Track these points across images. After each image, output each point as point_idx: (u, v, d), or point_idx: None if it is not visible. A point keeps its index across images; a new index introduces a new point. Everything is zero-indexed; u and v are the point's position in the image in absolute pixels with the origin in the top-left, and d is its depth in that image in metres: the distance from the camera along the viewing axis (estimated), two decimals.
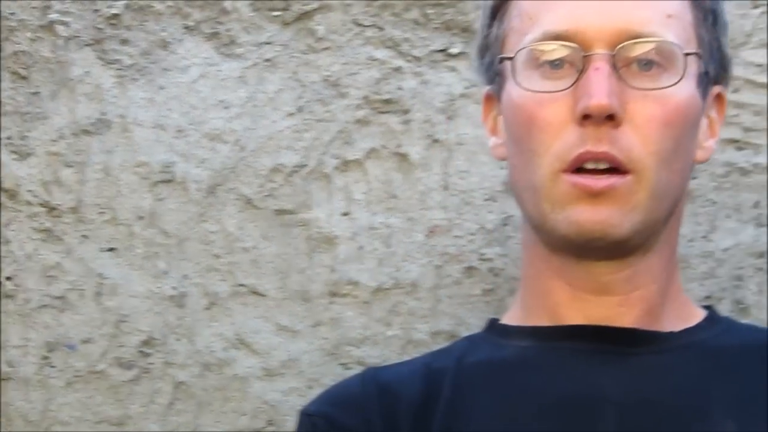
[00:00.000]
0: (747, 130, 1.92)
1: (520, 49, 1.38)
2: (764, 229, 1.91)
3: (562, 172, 1.33)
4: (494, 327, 1.53)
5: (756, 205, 1.91)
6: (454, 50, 1.99)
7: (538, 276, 1.49)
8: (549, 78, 1.36)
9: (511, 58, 1.39)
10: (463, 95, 1.98)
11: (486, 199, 1.98)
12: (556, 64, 1.36)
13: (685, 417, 1.37)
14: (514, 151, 1.43)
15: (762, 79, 1.95)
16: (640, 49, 1.34)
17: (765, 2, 1.98)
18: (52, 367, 1.86)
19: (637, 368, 1.40)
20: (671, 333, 1.44)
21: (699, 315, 1.50)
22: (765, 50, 1.96)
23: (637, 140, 1.33)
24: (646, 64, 1.35)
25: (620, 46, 1.33)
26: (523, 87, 1.37)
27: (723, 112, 1.52)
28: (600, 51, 1.33)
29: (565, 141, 1.33)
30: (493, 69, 1.49)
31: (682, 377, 1.40)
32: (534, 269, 1.49)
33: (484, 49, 1.51)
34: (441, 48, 1.99)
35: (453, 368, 1.49)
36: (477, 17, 1.85)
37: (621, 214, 1.33)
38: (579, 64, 1.34)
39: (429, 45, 2.00)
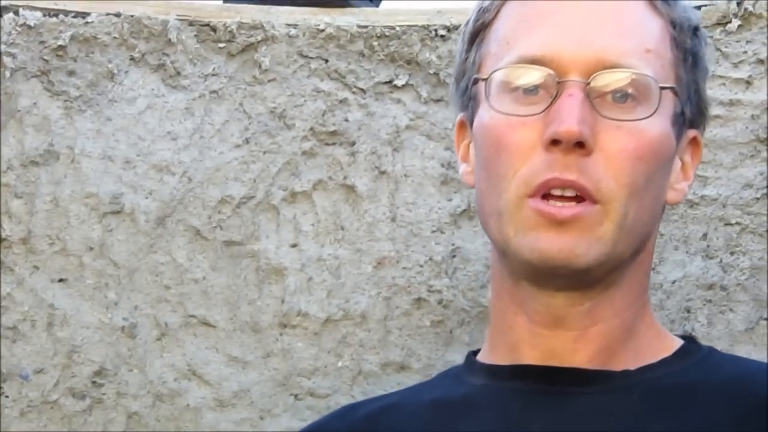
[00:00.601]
0: (702, 161, 1.89)
1: (495, 71, 1.37)
2: (713, 261, 1.91)
3: (527, 197, 1.32)
4: (467, 361, 1.54)
5: (704, 237, 1.91)
6: (399, 82, 1.99)
7: (503, 310, 1.47)
8: (522, 103, 1.35)
9: (485, 80, 1.39)
10: (408, 127, 1.98)
11: (433, 231, 1.98)
12: (530, 91, 1.35)
13: None
14: (482, 175, 1.42)
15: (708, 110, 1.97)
16: (616, 80, 1.33)
17: (710, 35, 1.88)
18: (6, 397, 1.86)
19: (577, 409, 1.38)
20: (624, 371, 1.42)
21: (671, 348, 1.48)
22: (708, 82, 1.77)
23: (607, 171, 1.32)
24: (621, 97, 1.33)
25: (595, 74, 1.32)
26: (495, 109, 1.36)
27: (698, 156, 1.51)
28: (574, 78, 1.32)
29: (533, 166, 1.32)
30: (468, 93, 1.47)
31: (622, 418, 1.38)
32: (500, 303, 1.48)
33: (461, 75, 1.49)
34: (386, 80, 2.00)
35: (414, 402, 1.51)
36: (421, 49, 2.06)
37: (586, 243, 1.32)
38: (553, 90, 1.33)
39: (374, 77, 2.01)
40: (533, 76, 1.34)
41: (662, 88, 1.35)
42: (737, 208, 1.91)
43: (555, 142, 1.28)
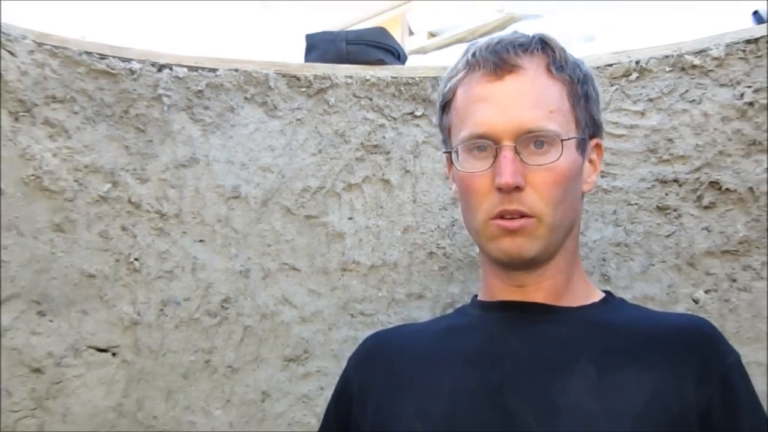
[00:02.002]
0: (608, 164, 2.30)
1: (457, 146, 1.76)
2: (619, 228, 2.32)
3: (490, 220, 1.71)
4: (472, 301, 1.94)
5: (614, 213, 2.33)
6: (418, 113, 2.41)
7: (487, 275, 1.89)
8: (477, 158, 1.72)
9: (452, 150, 1.79)
10: (424, 142, 2.40)
11: (440, 209, 2.40)
12: (481, 149, 1.72)
13: (559, 364, 1.67)
14: (461, 203, 1.82)
15: (617, 131, 2.33)
16: (534, 139, 1.69)
17: (618, 83, 2.34)
18: (166, 315, 2.24)
19: (538, 329, 1.75)
20: (568, 308, 1.80)
21: (597, 297, 1.86)
22: (617, 113, 2.32)
23: (536, 198, 1.69)
24: (539, 149, 1.69)
25: (521, 138, 1.68)
26: (462, 169, 1.75)
27: (601, 153, 1.88)
28: (506, 143, 1.68)
29: (490, 202, 1.70)
30: (447, 145, 1.86)
31: (565, 338, 1.73)
32: (485, 270, 1.90)
33: (441, 130, 1.90)
34: (409, 111, 2.42)
35: (434, 328, 1.91)
36: (433, 92, 2.32)
37: (529, 243, 1.71)
38: (494, 152, 1.69)
39: (402, 109, 2.42)
40: (480, 144, 1.72)
41: (563, 140, 1.71)
42: (635, 194, 2.32)
43: (500, 189, 1.67)
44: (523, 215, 1.69)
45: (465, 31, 9.41)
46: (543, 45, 1.78)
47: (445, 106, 1.86)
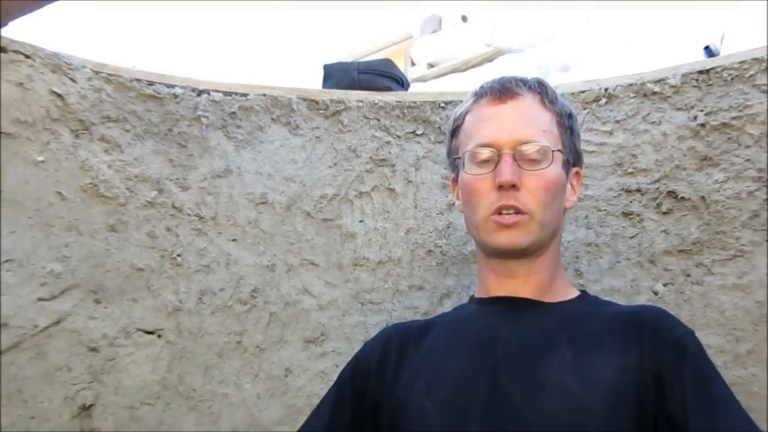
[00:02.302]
0: (583, 177, 2.06)
1: (466, 151, 1.83)
2: (590, 230, 2.31)
3: (490, 215, 1.77)
4: (470, 299, 1.97)
5: (586, 217, 2.33)
6: (419, 132, 2.41)
7: (482, 270, 1.91)
8: (481, 167, 1.79)
9: (460, 157, 1.85)
10: (424, 156, 2.39)
11: (437, 213, 2.39)
12: (484, 161, 1.79)
13: (542, 349, 1.71)
14: (465, 206, 1.85)
15: (589, 148, 2.27)
16: (529, 149, 1.77)
17: (589, 107, 2.34)
18: (203, 303, 2.22)
19: (524, 321, 1.79)
20: (550, 303, 1.84)
21: (574, 294, 1.89)
22: (589, 133, 2.31)
23: (529, 197, 1.76)
24: (533, 160, 1.77)
25: (518, 147, 1.77)
26: (468, 173, 1.82)
27: (579, 181, 1.94)
28: (507, 151, 1.77)
29: (491, 199, 1.77)
30: (454, 164, 1.91)
31: (548, 327, 1.76)
32: (481, 267, 1.92)
33: (448, 154, 1.96)
34: (411, 131, 2.41)
35: (441, 320, 1.93)
36: (432, 113, 2.35)
37: (522, 236, 1.77)
38: (496, 159, 1.77)
39: (405, 129, 2.41)
40: (485, 152, 1.79)
41: (553, 151, 1.79)
42: (604, 201, 2.31)
43: (500, 187, 1.75)
44: (518, 211, 1.75)
45: (459, 62, 9.42)
46: (539, 83, 1.87)
47: (454, 131, 1.93)
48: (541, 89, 1.86)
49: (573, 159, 1.89)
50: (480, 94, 1.88)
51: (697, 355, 1.67)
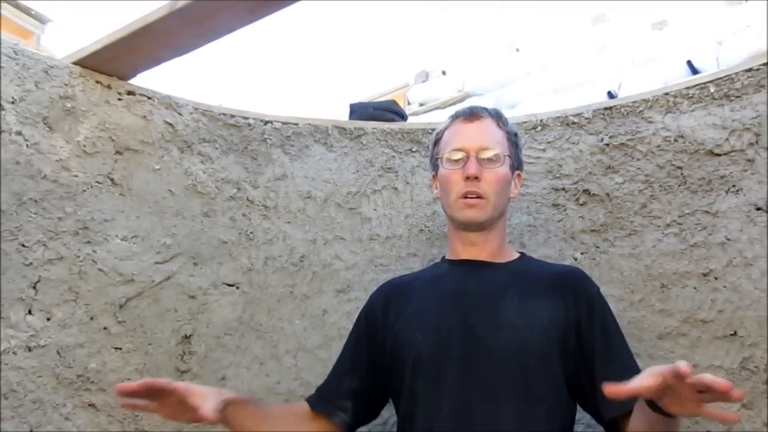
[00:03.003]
0: (524, 179, 2.04)
1: (444, 154, 1.83)
2: (530, 216, 2.26)
3: (459, 198, 1.78)
4: (442, 259, 1.93)
5: (527, 207, 2.27)
6: (414, 149, 2.36)
7: (452, 239, 1.89)
8: (454, 165, 1.80)
9: (440, 158, 1.85)
10: (417, 166, 2.34)
11: (427, 204, 2.34)
12: (456, 161, 1.79)
13: (498, 295, 1.72)
14: (442, 192, 1.85)
15: (529, 161, 2.25)
16: (488, 153, 1.79)
17: (530, 132, 2.30)
18: (267, 266, 2.20)
19: (483, 276, 1.78)
20: (501, 263, 1.83)
21: (516, 255, 1.88)
22: (529, 150, 2.28)
23: (486, 187, 1.77)
24: (490, 160, 1.78)
25: (480, 152, 1.79)
26: (446, 168, 1.82)
27: (520, 180, 1.91)
28: (472, 154, 1.78)
29: (460, 187, 1.78)
30: (435, 164, 1.89)
31: (501, 280, 1.76)
32: (451, 236, 1.89)
33: (431, 159, 1.94)
34: (408, 148, 2.36)
35: (422, 276, 1.91)
36: (422, 136, 2.30)
37: (480, 213, 1.78)
38: (464, 159, 1.78)
39: (404, 147, 2.36)
40: (458, 155, 1.80)
41: (504, 155, 1.80)
42: (539, 196, 2.26)
43: (467, 178, 1.76)
44: (478, 196, 1.76)
45: (439, 101, 9.49)
46: (495, 111, 1.90)
47: (436, 142, 1.92)
48: (496, 115, 1.89)
49: (516, 165, 1.89)
50: (455, 116, 1.90)
51: (602, 311, 1.72)
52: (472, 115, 1.87)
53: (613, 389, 1.25)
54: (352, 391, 1.82)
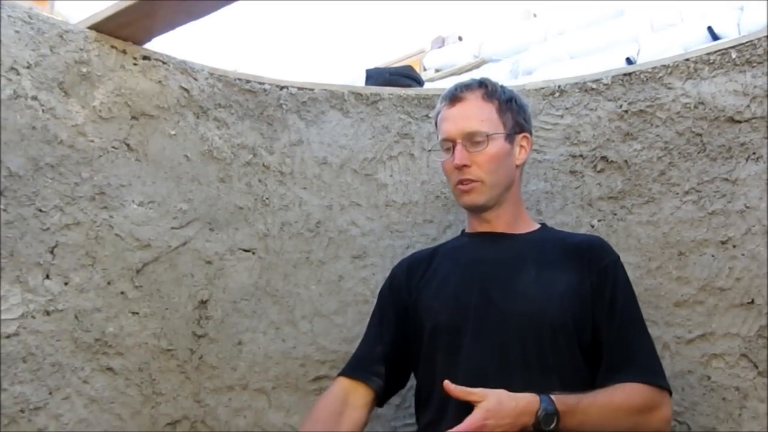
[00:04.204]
0: (541, 146, 2.24)
1: (438, 143, 1.90)
2: (547, 183, 2.24)
3: (456, 185, 1.83)
4: (462, 233, 1.98)
5: (544, 174, 2.25)
6: (430, 115, 2.29)
7: (467, 215, 1.93)
8: (445, 154, 1.84)
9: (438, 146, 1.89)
10: (433, 132, 2.24)
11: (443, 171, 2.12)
12: (447, 149, 1.84)
13: (515, 266, 1.76)
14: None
15: (546, 127, 2.25)
16: (472, 137, 1.79)
17: (547, 99, 2.28)
18: (284, 231, 2.20)
19: (501, 247, 1.82)
20: (518, 234, 1.86)
21: (536, 226, 1.91)
22: (547, 116, 2.27)
23: (478, 170, 1.79)
24: (476, 143, 1.80)
25: (464, 137, 1.80)
26: (440, 158, 1.89)
27: (528, 142, 1.90)
28: (458, 141, 1.80)
29: (454, 175, 1.82)
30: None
31: (517, 251, 1.80)
32: (466, 212, 1.93)
33: (436, 137, 1.96)
34: (425, 114, 2.34)
35: (442, 248, 1.95)
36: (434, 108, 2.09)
37: (478, 196, 1.81)
38: (452, 147, 1.81)
39: (420, 112, 2.35)
40: (446, 144, 1.84)
41: (489, 135, 1.79)
42: (557, 163, 2.24)
43: (456, 167, 1.80)
44: (471, 181, 1.79)
45: (455, 68, 9.42)
46: (479, 83, 1.87)
47: (435, 126, 1.95)
48: (482, 87, 1.86)
49: (517, 129, 1.87)
50: (442, 100, 1.90)
51: (614, 281, 1.74)
52: (453, 98, 1.86)
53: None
54: (384, 356, 1.84)
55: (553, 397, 1.52)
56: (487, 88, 1.86)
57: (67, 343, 1.85)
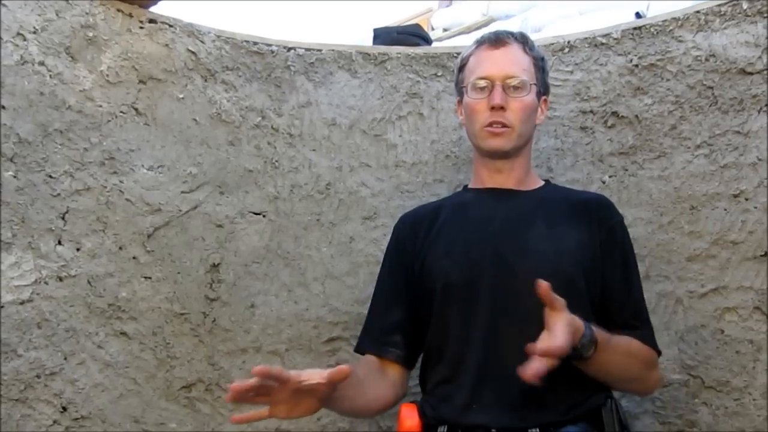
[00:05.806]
0: (551, 102, 2.09)
1: (469, 82, 1.82)
2: (558, 140, 2.23)
3: (484, 127, 1.78)
4: (464, 188, 1.96)
5: (555, 131, 2.23)
6: (439, 74, 2.31)
7: (477, 166, 1.90)
8: (479, 94, 1.79)
9: (465, 86, 1.84)
10: (443, 91, 2.30)
11: (453, 130, 2.29)
12: (481, 89, 1.79)
13: (525, 223, 1.75)
14: (467, 120, 1.85)
15: (556, 83, 2.21)
16: (513, 81, 1.77)
17: (557, 54, 2.26)
18: (294, 193, 2.20)
19: (510, 204, 1.81)
20: (526, 190, 1.85)
21: (540, 183, 1.90)
22: (556, 72, 2.24)
23: (512, 116, 1.77)
24: (516, 88, 1.78)
25: (505, 80, 1.78)
26: (471, 97, 1.82)
27: (546, 105, 1.92)
28: (498, 83, 1.77)
29: (485, 116, 1.78)
30: (460, 91, 1.89)
31: (527, 207, 1.79)
32: (477, 164, 1.91)
33: (456, 85, 1.93)
34: (434, 73, 2.32)
35: (447, 204, 1.92)
36: (447, 60, 2.27)
37: (506, 142, 1.78)
38: (490, 87, 1.77)
39: (429, 72, 2.32)
40: (482, 83, 1.79)
41: (530, 84, 1.79)
42: (567, 119, 2.23)
43: (492, 108, 1.76)
44: (504, 125, 1.77)
45: (463, 26, 9.41)
46: (521, 35, 1.86)
47: (461, 68, 1.90)
48: (523, 40, 1.85)
49: (543, 90, 1.88)
50: (480, 42, 1.87)
51: (623, 241, 1.79)
52: (497, 41, 1.84)
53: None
54: (398, 323, 1.83)
55: (593, 327, 1.55)
56: (527, 42, 1.86)
57: (81, 309, 1.86)
